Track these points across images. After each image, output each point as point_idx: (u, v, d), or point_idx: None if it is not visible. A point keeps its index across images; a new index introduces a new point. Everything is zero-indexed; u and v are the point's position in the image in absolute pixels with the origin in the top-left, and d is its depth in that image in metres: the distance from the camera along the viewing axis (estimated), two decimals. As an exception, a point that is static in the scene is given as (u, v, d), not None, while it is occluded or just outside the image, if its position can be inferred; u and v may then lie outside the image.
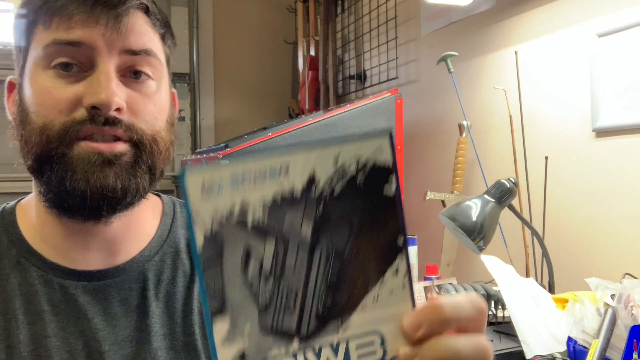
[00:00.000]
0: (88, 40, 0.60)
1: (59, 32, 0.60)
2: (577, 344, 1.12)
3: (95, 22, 0.60)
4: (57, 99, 0.60)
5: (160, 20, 0.66)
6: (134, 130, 0.62)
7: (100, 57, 0.61)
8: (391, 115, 1.92)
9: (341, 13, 3.02)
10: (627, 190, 1.44)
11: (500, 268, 1.35)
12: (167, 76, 0.69)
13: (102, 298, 0.66)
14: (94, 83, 0.60)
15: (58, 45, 0.60)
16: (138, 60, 0.63)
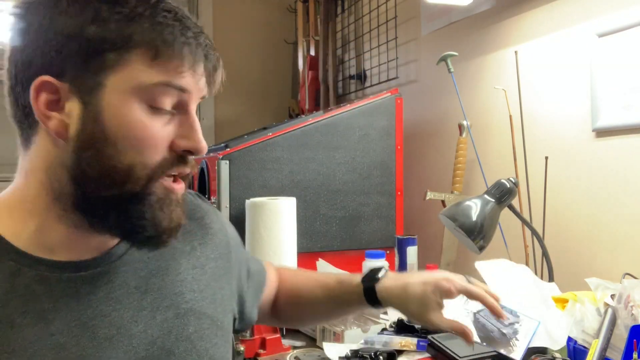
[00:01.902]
0: (192, 87, 0.65)
1: (173, 74, 0.62)
2: (577, 344, 1.12)
3: (208, 77, 0.67)
4: (155, 138, 0.63)
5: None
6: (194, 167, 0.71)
7: (191, 102, 0.67)
8: (391, 115, 1.93)
9: (341, 13, 3.02)
10: (627, 190, 1.44)
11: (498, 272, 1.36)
12: None
13: (103, 284, 0.68)
14: (187, 128, 0.66)
15: (169, 88, 0.63)
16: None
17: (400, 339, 1.22)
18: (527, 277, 1.36)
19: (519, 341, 1.05)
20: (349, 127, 1.85)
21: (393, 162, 1.92)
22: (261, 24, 3.42)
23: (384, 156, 1.91)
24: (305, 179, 1.78)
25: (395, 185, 1.92)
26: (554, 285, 1.36)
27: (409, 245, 1.65)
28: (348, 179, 1.85)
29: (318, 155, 1.80)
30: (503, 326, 1.08)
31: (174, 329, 0.71)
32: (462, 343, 1.11)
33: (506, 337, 1.07)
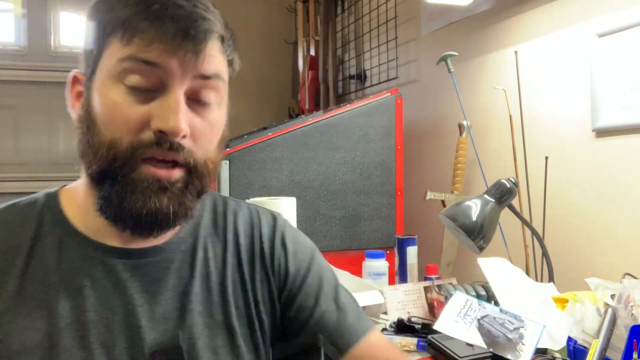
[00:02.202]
0: (164, 64, 0.62)
1: (137, 50, 0.62)
2: (577, 344, 1.12)
3: (175, 49, 0.62)
4: (127, 118, 0.63)
5: (231, 47, 0.70)
6: (192, 155, 0.65)
7: (172, 81, 0.63)
8: (391, 115, 1.93)
9: (341, 13, 3.02)
10: (627, 190, 1.44)
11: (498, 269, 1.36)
12: (227, 95, 0.72)
13: (141, 275, 0.69)
14: (164, 107, 0.62)
15: (134, 61, 0.62)
16: (208, 84, 0.66)
17: (400, 338, 1.22)
18: (524, 279, 1.36)
19: (525, 345, 1.06)
20: (349, 127, 1.86)
21: (393, 162, 1.93)
22: (261, 24, 3.42)
23: (384, 156, 1.91)
24: (305, 179, 1.78)
25: (395, 185, 1.92)
26: (551, 286, 1.36)
27: (409, 245, 1.65)
28: (348, 179, 1.85)
29: (318, 155, 1.80)
30: (508, 331, 1.08)
31: (202, 338, 0.70)
32: (462, 343, 1.11)
33: (512, 342, 1.07)
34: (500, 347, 1.05)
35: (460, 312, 1.14)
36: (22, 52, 3.14)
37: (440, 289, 1.46)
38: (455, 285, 1.44)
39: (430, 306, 1.50)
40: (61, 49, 3.23)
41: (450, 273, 1.83)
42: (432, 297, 1.49)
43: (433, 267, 1.59)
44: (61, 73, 3.35)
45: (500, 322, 1.11)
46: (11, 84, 3.11)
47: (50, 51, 3.20)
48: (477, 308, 1.15)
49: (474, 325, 1.10)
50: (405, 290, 1.42)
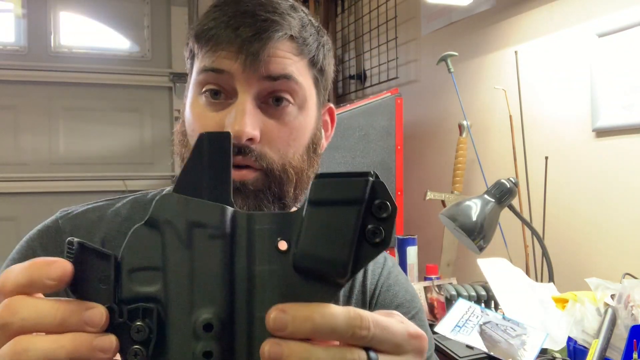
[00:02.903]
0: (228, 67, 0.63)
1: (208, 60, 0.64)
2: (577, 344, 1.12)
3: (238, 50, 0.63)
4: (205, 126, 0.65)
5: (310, 45, 0.68)
6: (265, 159, 0.65)
7: (239, 85, 0.64)
8: (391, 115, 1.93)
9: (341, 13, 3.02)
10: (627, 190, 1.44)
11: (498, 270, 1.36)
12: (314, 99, 0.70)
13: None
14: (232, 113, 0.63)
15: (206, 72, 0.65)
16: (277, 86, 0.65)
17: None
18: (523, 279, 1.36)
19: (526, 352, 1.06)
20: (349, 127, 1.85)
21: (393, 162, 1.92)
22: (261, 24, 3.42)
23: (384, 156, 1.91)
24: (305, 179, 1.78)
25: (395, 185, 1.92)
26: (551, 286, 1.36)
27: (409, 245, 1.65)
28: (348, 179, 1.84)
29: (318, 155, 1.80)
30: (510, 337, 1.08)
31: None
32: (462, 344, 1.11)
33: (514, 347, 1.07)
34: (501, 351, 1.05)
35: (462, 318, 1.14)
36: (22, 52, 3.14)
37: (440, 289, 1.46)
38: (455, 286, 1.44)
39: (430, 306, 1.50)
40: (61, 49, 3.23)
41: (450, 273, 1.83)
42: (432, 297, 1.49)
43: (433, 267, 1.59)
44: (61, 73, 3.36)
45: (502, 329, 1.11)
46: (11, 84, 3.11)
47: (50, 51, 3.19)
48: (479, 315, 1.15)
49: (475, 330, 1.10)
50: (405, 290, 1.41)
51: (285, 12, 0.65)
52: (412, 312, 0.77)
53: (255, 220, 0.33)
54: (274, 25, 0.64)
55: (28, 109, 3.15)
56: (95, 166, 3.26)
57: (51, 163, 3.18)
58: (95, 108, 3.28)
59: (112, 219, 0.72)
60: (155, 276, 0.33)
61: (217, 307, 0.32)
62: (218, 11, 0.65)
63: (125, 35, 3.38)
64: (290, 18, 0.65)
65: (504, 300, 1.25)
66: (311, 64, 0.68)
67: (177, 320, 0.33)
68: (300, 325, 0.31)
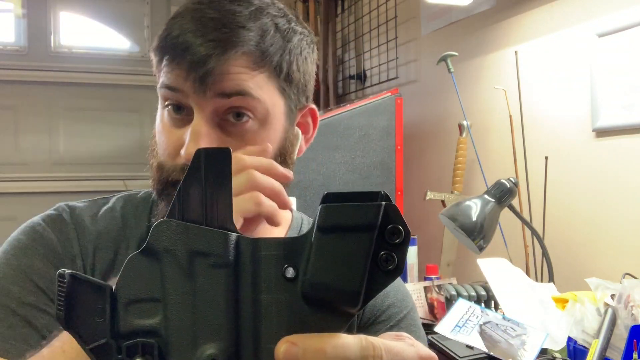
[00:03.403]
0: (181, 86, 0.63)
1: (164, 76, 0.64)
2: (577, 344, 1.12)
3: (188, 70, 0.62)
4: (167, 142, 0.66)
5: (270, 56, 0.65)
6: None
7: (194, 104, 0.63)
8: (391, 115, 1.92)
9: (341, 13, 3.02)
10: (627, 190, 1.44)
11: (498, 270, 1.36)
12: (281, 109, 0.67)
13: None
14: (188, 132, 0.63)
15: (165, 89, 0.65)
16: (233, 102, 0.63)
17: (400, 339, 1.22)
18: (523, 279, 1.36)
19: (526, 352, 1.06)
20: (349, 127, 1.85)
21: (393, 162, 1.92)
22: (261, 24, 3.42)
23: (384, 156, 1.91)
24: (305, 179, 1.78)
25: (395, 185, 1.92)
26: (551, 286, 1.36)
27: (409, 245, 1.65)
28: (348, 179, 1.85)
29: (318, 155, 1.80)
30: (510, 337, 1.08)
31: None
32: (462, 344, 1.11)
33: (514, 347, 1.07)
34: (501, 351, 1.05)
35: (462, 318, 1.14)
36: (22, 52, 3.14)
37: (440, 289, 1.46)
38: (455, 286, 1.44)
39: (430, 306, 1.50)
40: (61, 49, 3.23)
41: (450, 273, 1.83)
42: (432, 297, 1.49)
43: (433, 267, 1.59)
44: (61, 73, 3.35)
45: (502, 329, 1.11)
46: (11, 84, 3.11)
47: (50, 51, 3.19)
48: (479, 315, 1.15)
49: (475, 330, 1.10)
50: (405, 290, 1.41)
51: (240, 25, 0.63)
52: (403, 311, 0.76)
53: (261, 247, 0.31)
54: (223, 44, 0.62)
55: (28, 109, 3.15)
56: (95, 166, 3.26)
57: (51, 163, 3.18)
58: (95, 108, 3.28)
59: (105, 215, 0.73)
60: (155, 308, 0.31)
61: (222, 341, 0.30)
62: (175, 24, 0.64)
63: (125, 35, 3.38)
64: (244, 32, 0.63)
65: (504, 300, 1.25)
66: (274, 75, 0.66)
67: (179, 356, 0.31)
68: (312, 357, 0.30)
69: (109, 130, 3.31)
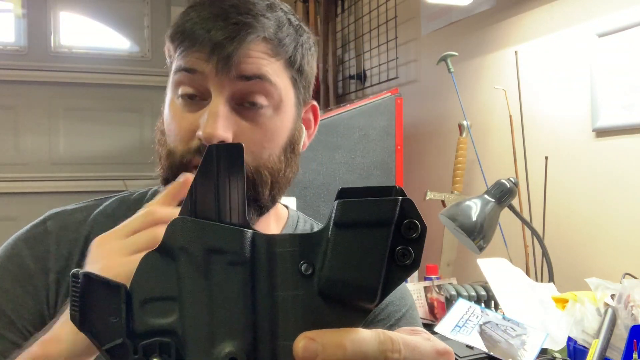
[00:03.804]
0: (201, 68, 0.63)
1: (182, 60, 0.65)
2: (577, 344, 1.12)
3: (210, 52, 0.62)
4: (180, 127, 0.65)
5: (286, 45, 0.67)
6: None
7: (212, 87, 0.64)
8: (391, 115, 1.92)
9: (341, 13, 3.02)
10: (627, 190, 1.44)
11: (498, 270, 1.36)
12: (292, 99, 0.69)
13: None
14: (205, 115, 0.63)
15: (180, 72, 0.65)
16: (251, 86, 0.64)
17: (400, 339, 1.22)
18: (523, 279, 1.37)
19: (526, 352, 1.06)
20: (349, 127, 1.85)
21: (393, 162, 1.92)
22: (261, 24, 3.42)
23: (384, 156, 1.91)
24: (305, 179, 1.78)
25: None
26: (551, 286, 1.36)
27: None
28: (348, 179, 1.85)
29: (318, 155, 1.80)
30: (510, 337, 1.08)
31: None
32: (462, 344, 1.11)
33: (514, 347, 1.07)
34: (501, 351, 1.05)
35: (462, 318, 1.14)
36: (22, 52, 3.14)
37: (440, 289, 1.46)
38: (455, 286, 1.44)
39: (430, 306, 1.50)
40: (61, 49, 3.23)
41: (450, 273, 1.83)
42: (432, 297, 1.49)
43: (433, 267, 1.59)
44: (61, 73, 3.35)
45: (502, 329, 1.11)
46: (11, 84, 3.11)
47: (50, 51, 3.19)
48: (479, 315, 1.15)
49: (475, 330, 1.10)
50: (405, 290, 1.41)
51: (259, 13, 0.65)
52: (402, 309, 0.76)
53: (276, 243, 0.31)
54: (246, 28, 0.63)
55: (28, 109, 3.15)
56: (95, 166, 3.26)
57: (51, 163, 3.18)
58: (95, 108, 3.28)
59: (97, 218, 0.73)
60: (171, 307, 0.31)
61: (240, 339, 0.30)
62: (193, 12, 0.65)
63: (125, 35, 3.38)
64: (264, 19, 0.65)
65: (504, 300, 1.25)
66: (288, 65, 0.68)
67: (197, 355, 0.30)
68: (331, 353, 0.30)
69: (109, 130, 3.31)
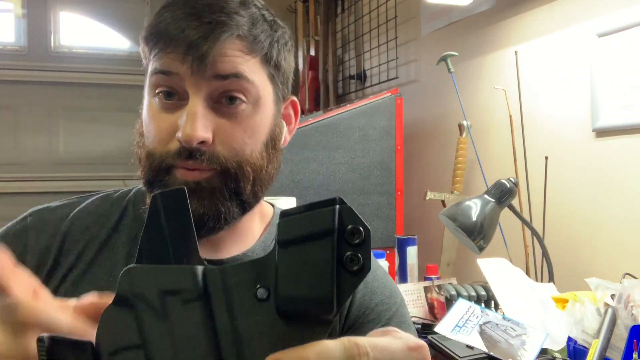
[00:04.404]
0: (177, 69, 0.63)
1: (157, 61, 0.64)
2: (577, 344, 1.12)
3: (185, 52, 0.62)
4: (159, 129, 0.65)
5: (261, 42, 0.67)
6: (217, 160, 0.65)
7: (189, 87, 0.64)
8: (391, 115, 1.93)
9: (341, 13, 3.02)
10: (627, 190, 1.44)
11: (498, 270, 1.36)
12: (270, 95, 0.69)
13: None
14: (183, 116, 0.63)
15: (156, 75, 0.65)
16: (228, 85, 0.64)
17: (400, 339, 1.22)
18: (523, 279, 1.37)
19: (526, 352, 1.06)
20: (349, 127, 1.85)
21: (393, 162, 1.93)
22: (261, 24, 3.42)
23: (384, 156, 1.91)
24: (305, 179, 1.78)
25: (395, 185, 1.92)
26: (551, 286, 1.36)
27: (409, 245, 1.65)
28: (348, 179, 1.85)
29: (318, 155, 1.80)
30: (510, 337, 1.08)
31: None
32: (462, 344, 1.11)
33: (514, 347, 1.07)
34: (501, 351, 1.05)
35: (462, 318, 1.14)
36: (22, 52, 3.14)
37: (440, 289, 1.46)
38: (455, 286, 1.44)
39: (430, 306, 1.50)
40: (61, 49, 3.23)
41: (450, 273, 1.83)
42: (432, 297, 1.49)
43: (433, 267, 1.59)
44: (61, 73, 3.36)
45: (502, 329, 1.11)
46: (11, 84, 3.11)
47: (50, 51, 3.19)
48: (479, 315, 1.15)
49: (475, 330, 1.10)
50: (405, 291, 1.42)
51: (233, 10, 0.65)
52: (392, 308, 0.76)
53: (230, 274, 0.31)
54: (220, 26, 0.63)
55: (28, 109, 3.15)
56: (95, 166, 3.26)
57: (51, 163, 3.18)
58: (96, 108, 3.28)
59: (77, 215, 0.74)
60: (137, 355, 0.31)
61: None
62: (166, 12, 0.65)
63: (125, 35, 3.38)
64: (238, 17, 0.65)
65: (504, 300, 1.25)
66: (264, 61, 0.68)
67: None
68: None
69: (109, 130, 3.31)
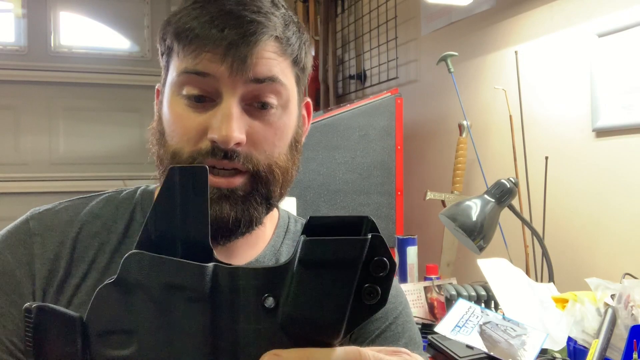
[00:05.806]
0: (213, 71, 0.62)
1: (190, 62, 0.63)
2: (577, 344, 1.12)
3: (224, 53, 0.61)
4: (186, 128, 0.64)
5: (293, 44, 0.67)
6: (251, 161, 0.64)
7: (225, 89, 0.63)
8: (391, 115, 1.93)
9: (341, 13, 3.02)
10: (627, 190, 1.44)
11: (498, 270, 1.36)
12: (296, 97, 0.69)
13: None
14: (217, 116, 0.62)
15: (188, 74, 0.63)
16: (263, 88, 0.64)
17: (400, 339, 1.22)
18: (523, 279, 1.37)
19: (527, 352, 1.06)
20: (349, 127, 1.85)
21: (393, 162, 1.92)
22: (261, 24, 3.42)
23: (384, 156, 1.91)
24: (305, 179, 1.78)
25: (395, 185, 1.92)
26: (551, 286, 1.36)
27: (409, 245, 1.65)
28: (348, 179, 1.85)
29: (318, 155, 1.80)
30: (510, 337, 1.08)
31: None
32: (462, 344, 1.11)
33: (514, 347, 1.07)
34: (501, 351, 1.05)
35: (462, 318, 1.14)
36: (22, 52, 3.14)
37: (440, 289, 1.46)
38: (455, 286, 1.44)
39: (430, 306, 1.50)
40: (61, 49, 3.23)
41: (450, 273, 1.83)
42: (432, 297, 1.49)
43: (433, 267, 1.59)
44: (61, 73, 3.35)
45: (502, 329, 1.11)
46: (11, 84, 3.11)
47: (50, 51, 3.19)
48: (479, 315, 1.15)
49: (475, 330, 1.10)
50: (406, 291, 1.42)
51: (268, 11, 0.64)
52: (399, 308, 0.76)
53: (240, 276, 0.31)
54: (260, 27, 0.62)
55: (28, 109, 3.15)
56: (95, 166, 3.26)
57: (51, 163, 3.18)
58: (96, 108, 3.28)
59: (84, 218, 0.71)
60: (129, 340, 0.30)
61: None
62: (199, 9, 0.64)
63: (125, 35, 3.38)
64: (274, 17, 0.64)
65: (504, 300, 1.25)
66: (294, 63, 0.68)
67: None
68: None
69: (109, 130, 3.31)
